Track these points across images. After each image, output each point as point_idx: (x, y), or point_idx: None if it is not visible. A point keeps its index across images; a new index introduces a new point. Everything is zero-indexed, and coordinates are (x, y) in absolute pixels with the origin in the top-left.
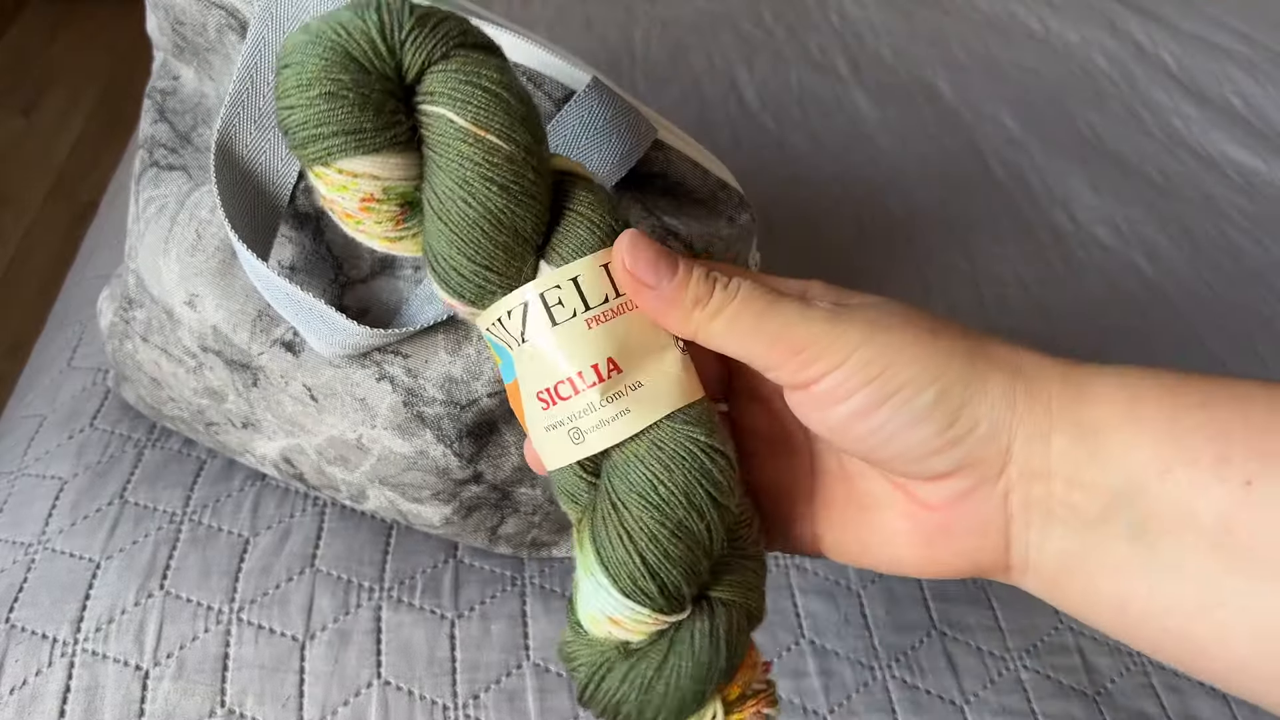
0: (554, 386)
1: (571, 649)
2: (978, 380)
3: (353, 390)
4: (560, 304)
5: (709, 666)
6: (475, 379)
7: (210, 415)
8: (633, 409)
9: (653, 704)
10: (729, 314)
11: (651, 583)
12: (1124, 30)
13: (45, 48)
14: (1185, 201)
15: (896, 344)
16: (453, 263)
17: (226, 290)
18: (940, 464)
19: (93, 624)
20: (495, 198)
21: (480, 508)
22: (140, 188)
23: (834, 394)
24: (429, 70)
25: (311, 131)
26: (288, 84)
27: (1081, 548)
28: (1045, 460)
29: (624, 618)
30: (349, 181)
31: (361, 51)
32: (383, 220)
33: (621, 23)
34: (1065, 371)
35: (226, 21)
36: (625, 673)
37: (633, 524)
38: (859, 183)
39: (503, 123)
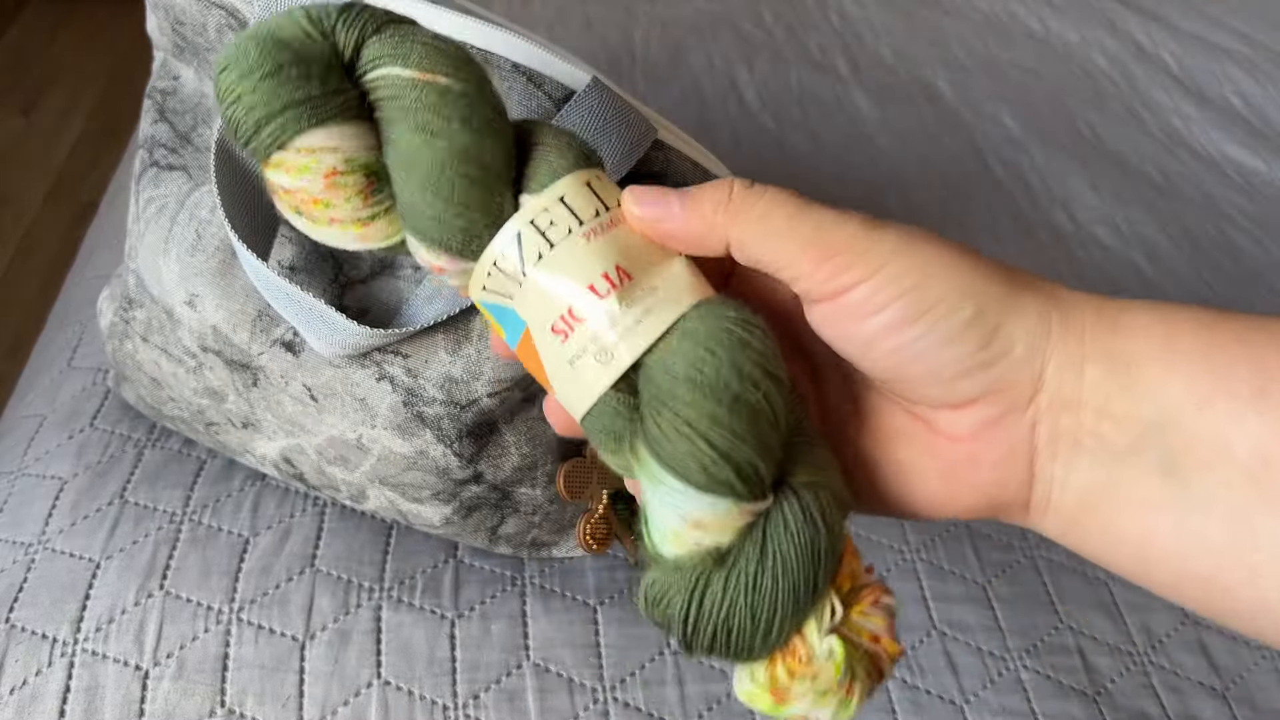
0: (568, 311)
1: (659, 588)
2: (1014, 303)
3: (353, 390)
4: (553, 224)
5: (813, 549)
6: (475, 379)
7: (210, 415)
8: (655, 308)
9: (765, 604)
10: (759, 211)
11: (726, 466)
12: (1124, 30)
13: (45, 48)
14: (1185, 201)
15: (933, 258)
16: (431, 209)
17: (226, 290)
18: (969, 388)
19: (93, 624)
20: (458, 133)
21: (480, 508)
22: (140, 188)
23: (865, 305)
24: (365, 44)
25: (261, 113)
26: (229, 80)
27: (1107, 480)
28: (1077, 389)
29: (707, 516)
30: (308, 160)
31: (296, 36)
32: (351, 196)
33: (621, 23)
34: (1100, 304)
35: (226, 21)
36: (725, 579)
37: (689, 412)
38: (859, 183)
39: (447, 65)
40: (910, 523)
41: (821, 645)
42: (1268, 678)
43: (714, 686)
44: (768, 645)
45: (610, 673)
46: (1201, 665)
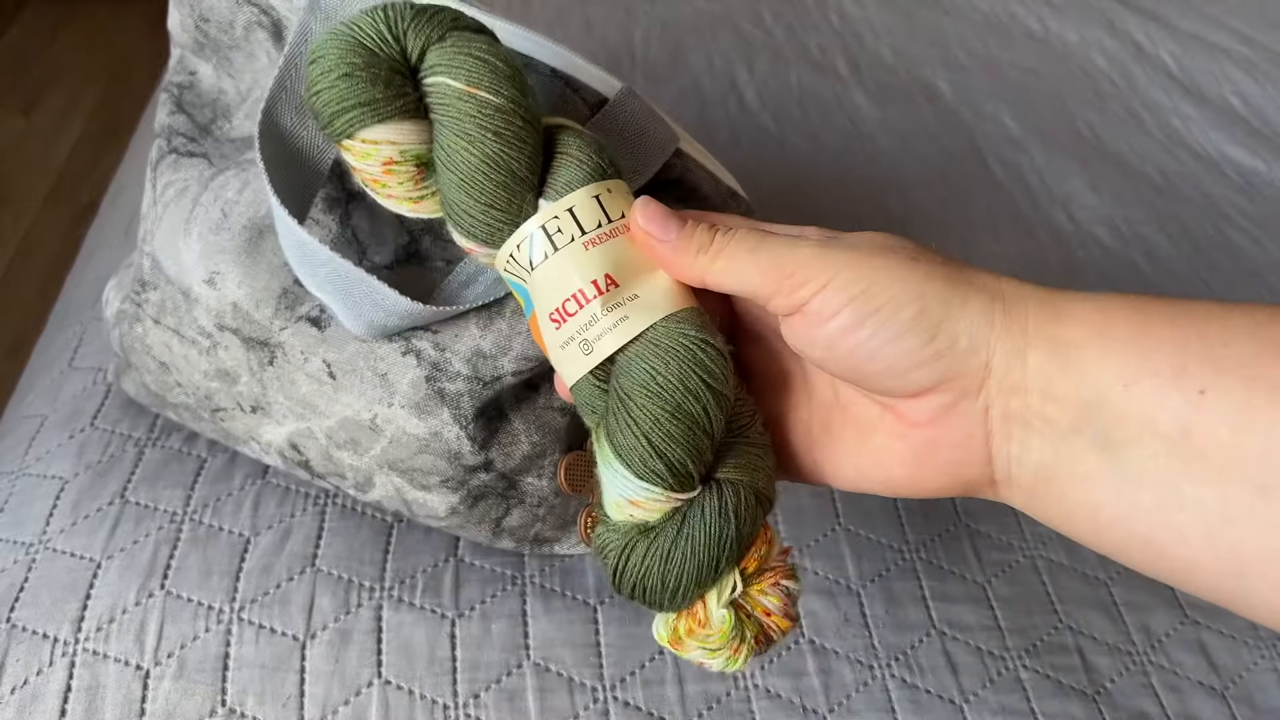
0: (562, 305)
1: (602, 539)
2: (957, 299)
3: (375, 365)
4: (559, 231)
5: (720, 535)
6: (504, 354)
7: (218, 399)
8: (631, 315)
9: (673, 573)
10: (727, 254)
11: (659, 462)
12: (1123, 30)
13: (45, 48)
14: (1185, 201)
15: (878, 266)
16: (463, 206)
17: (251, 268)
18: (922, 377)
19: (93, 623)
20: (490, 143)
21: (487, 497)
22: (158, 174)
23: (821, 313)
24: (429, 50)
25: (335, 108)
26: (314, 74)
27: (1055, 458)
28: (1022, 375)
29: (641, 498)
30: (371, 149)
31: (371, 40)
32: (404, 180)
33: (621, 23)
34: (1044, 295)
35: (257, 19)
36: (647, 548)
37: (638, 412)
38: (859, 183)
39: (491, 81)
40: (910, 522)
41: (716, 613)
42: (1267, 677)
43: (714, 686)
44: (675, 604)
45: (610, 672)
46: (1201, 665)
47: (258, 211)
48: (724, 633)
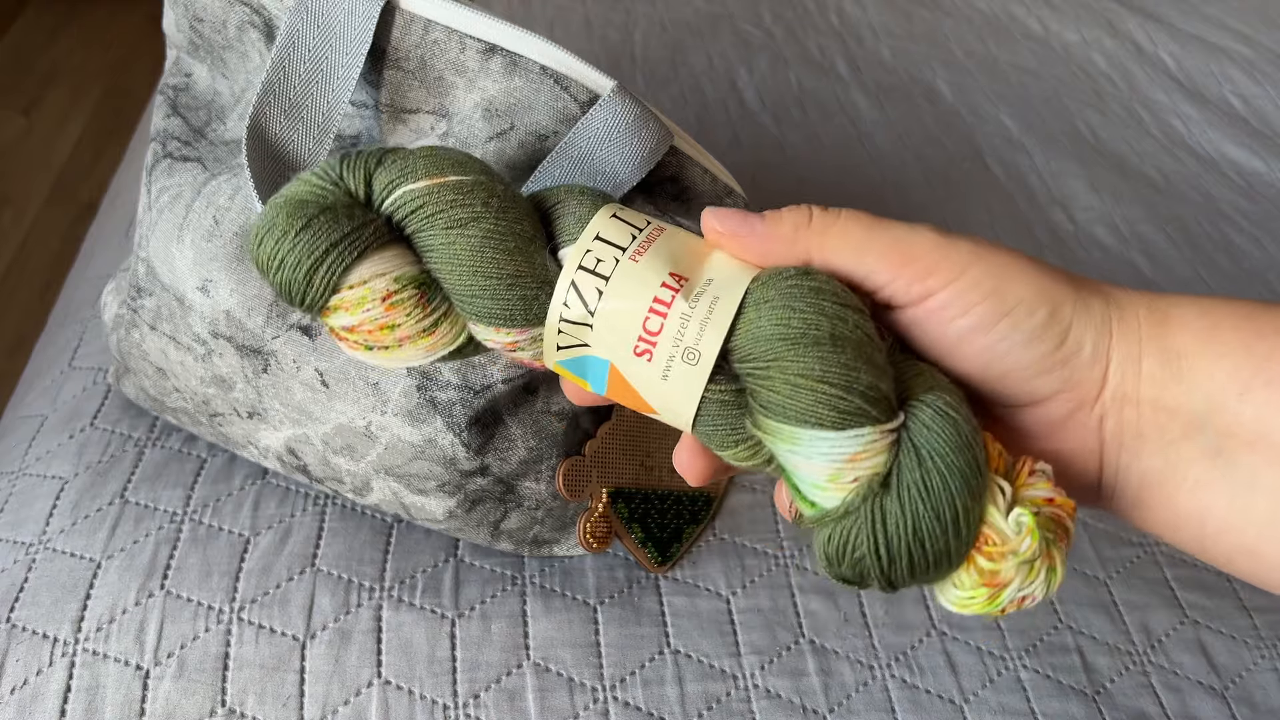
0: (644, 328)
1: (836, 540)
2: (1081, 303)
3: (366, 374)
4: (600, 261)
5: (961, 437)
6: (493, 362)
7: (215, 405)
8: (720, 295)
9: (944, 501)
10: (839, 228)
11: (853, 396)
12: (1123, 30)
13: (45, 48)
14: (1185, 201)
15: (1005, 264)
16: (486, 292)
17: (243, 276)
18: (1047, 384)
19: (93, 624)
20: (484, 215)
21: (484, 501)
22: (153, 178)
23: (950, 308)
24: (373, 178)
25: (307, 264)
26: (268, 249)
27: (1164, 466)
28: (1136, 384)
29: (855, 449)
30: (363, 292)
31: (313, 195)
32: (410, 310)
33: (621, 23)
34: (1150, 300)
35: (249, 19)
36: (898, 493)
37: (795, 366)
38: (859, 183)
39: (450, 164)
40: None
41: (1008, 522)
42: (1267, 678)
43: (714, 686)
44: (962, 542)
45: (610, 672)
46: (1201, 665)
47: (249, 218)
48: (1032, 531)
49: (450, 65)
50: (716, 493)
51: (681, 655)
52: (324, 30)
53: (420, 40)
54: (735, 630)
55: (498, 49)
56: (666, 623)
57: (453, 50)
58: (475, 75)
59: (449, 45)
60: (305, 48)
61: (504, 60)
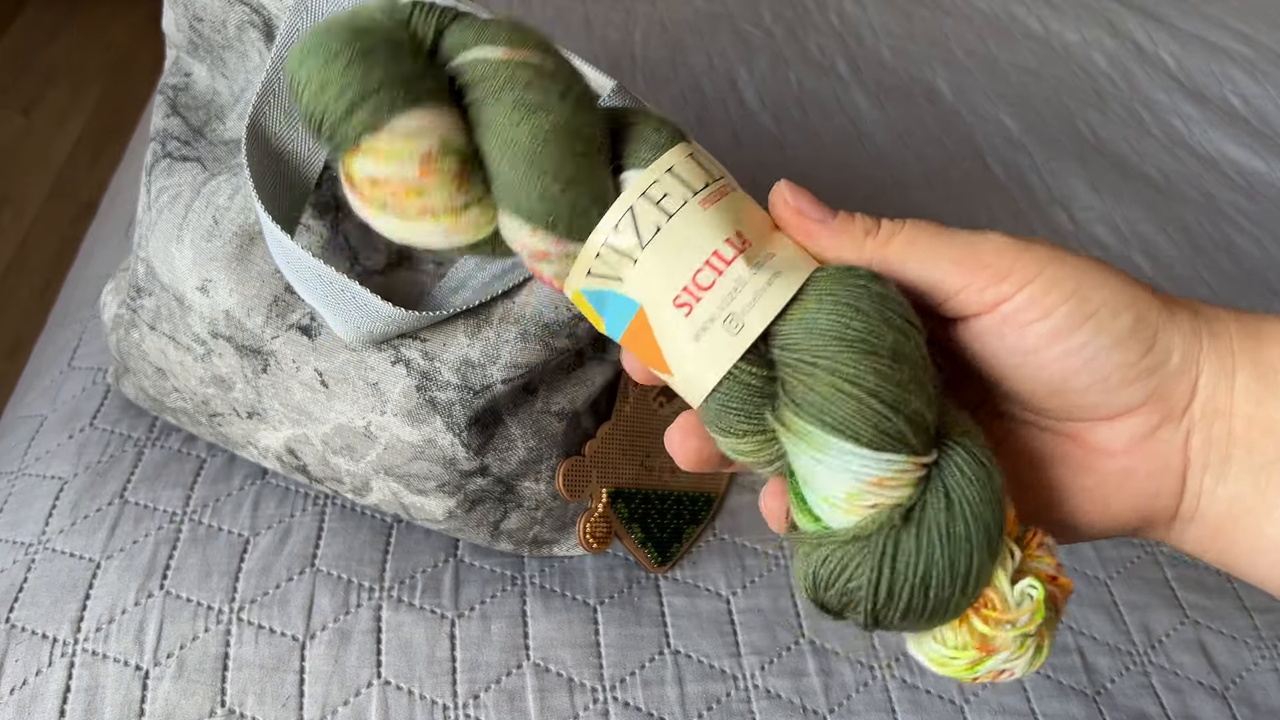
0: (693, 279)
1: (834, 563)
2: (1167, 311)
3: (366, 375)
4: (667, 195)
5: (993, 488)
6: (492, 362)
7: (215, 405)
8: (782, 270)
9: (961, 550)
10: (905, 236)
11: (898, 419)
12: (1124, 30)
13: (45, 47)
14: (1185, 201)
15: (1084, 266)
16: (537, 186)
17: (242, 276)
18: (1132, 395)
19: (93, 624)
20: (559, 107)
21: (484, 501)
22: (152, 178)
23: (1026, 313)
24: (444, 33)
25: (354, 94)
26: (312, 67)
27: (1254, 489)
28: (1228, 398)
29: (885, 474)
30: (404, 144)
31: (376, 25)
32: (446, 181)
33: (621, 23)
34: (1239, 315)
35: (249, 18)
36: (917, 534)
37: (847, 370)
38: (859, 183)
39: (535, 44)
40: None
41: (1014, 590)
42: (1267, 678)
43: (714, 686)
44: (966, 597)
45: (610, 673)
46: (1201, 665)
47: (248, 218)
48: (1039, 605)
49: None
50: (717, 493)
51: (681, 655)
52: None
53: None
54: (735, 630)
55: None
56: (666, 623)
57: None
58: None
59: None
60: None
61: None
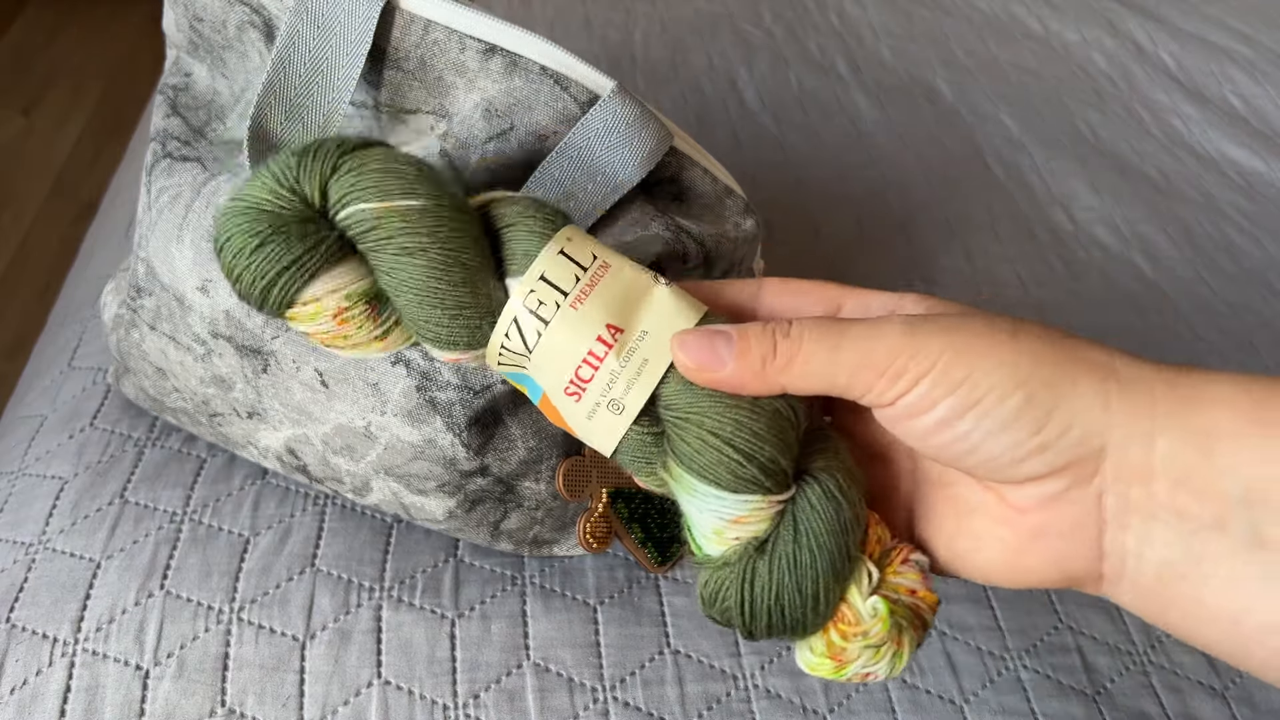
0: (575, 374)
1: (712, 586)
2: (1066, 383)
3: (366, 375)
4: (542, 304)
5: (839, 520)
6: None
7: (215, 405)
8: (650, 357)
9: (808, 575)
10: (801, 359)
11: (751, 465)
12: (1124, 30)
13: (45, 47)
14: (1185, 201)
15: (978, 349)
16: (432, 320)
17: None
18: (1030, 468)
19: (93, 624)
20: (431, 249)
21: (484, 501)
22: (152, 178)
23: (916, 406)
24: (328, 187)
25: (263, 284)
26: (226, 260)
27: (1187, 554)
28: (1147, 462)
29: (742, 512)
30: (315, 308)
31: (268, 201)
32: (362, 323)
33: (621, 23)
34: (1171, 376)
35: (249, 18)
36: (770, 561)
37: (710, 423)
38: (859, 183)
39: (401, 188)
40: None
41: (865, 606)
42: None
43: (714, 686)
44: (818, 615)
45: (610, 673)
46: (1201, 665)
47: None
48: (884, 620)
49: (450, 65)
50: None
51: (681, 655)
52: (324, 30)
53: (420, 40)
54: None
55: (498, 49)
56: (666, 623)
57: (453, 50)
58: (475, 75)
59: (449, 45)
60: (305, 48)
61: (504, 60)
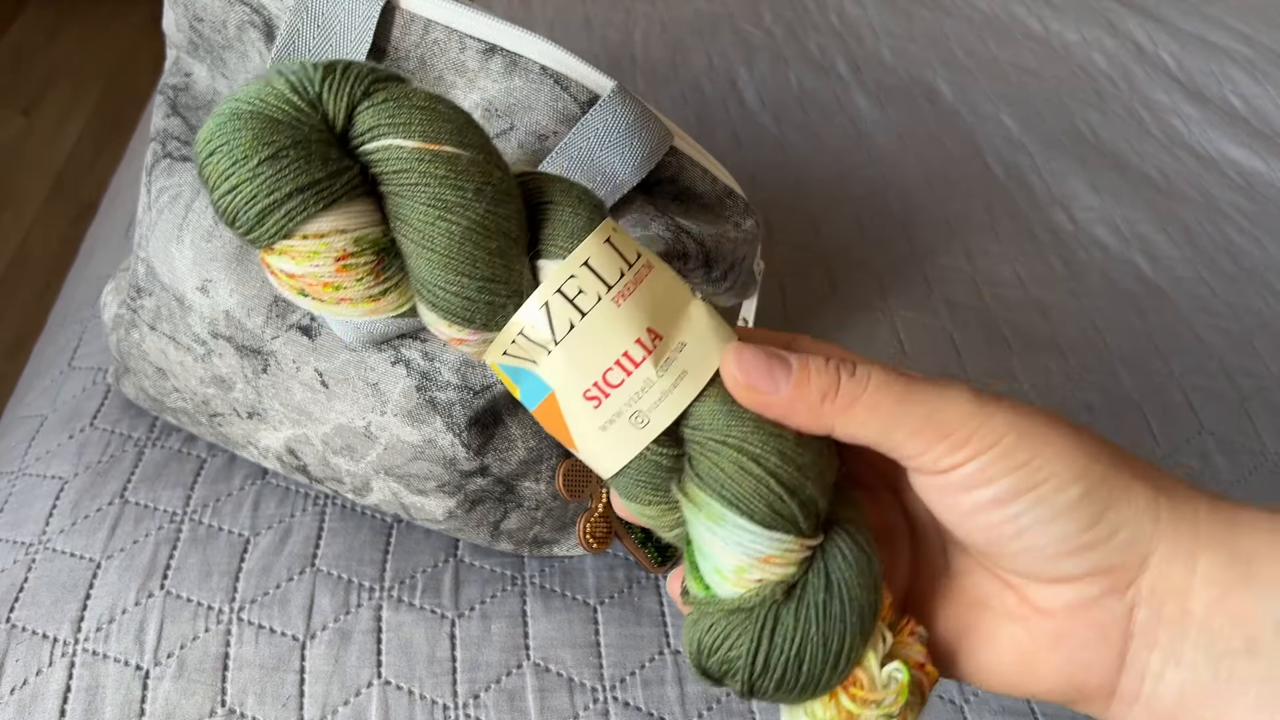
0: (603, 377)
1: (717, 632)
2: (1122, 486)
3: (366, 375)
4: (582, 292)
5: (870, 573)
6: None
7: (215, 405)
8: (689, 370)
9: (836, 631)
10: (867, 402)
11: (791, 502)
12: (1124, 30)
13: (45, 47)
14: (1185, 201)
15: (1043, 435)
16: (453, 287)
17: (242, 276)
18: (1071, 566)
19: (93, 624)
20: (474, 205)
21: (484, 501)
22: (152, 178)
23: (973, 479)
24: (356, 112)
25: (265, 202)
26: (221, 167)
27: (1213, 678)
28: (1187, 579)
29: (773, 552)
30: (318, 245)
31: (284, 112)
32: (363, 276)
33: (621, 23)
34: (1214, 499)
35: (249, 18)
36: (796, 610)
37: (755, 450)
38: (859, 183)
39: (451, 132)
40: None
41: (882, 672)
42: None
43: (714, 686)
44: (836, 674)
45: (610, 673)
46: None
47: None
48: (904, 690)
49: (450, 65)
50: None
51: (682, 655)
52: (324, 30)
53: (420, 40)
54: None
55: (498, 49)
56: (666, 623)
57: (453, 50)
58: (475, 75)
59: (449, 45)
60: (305, 48)
61: (504, 60)
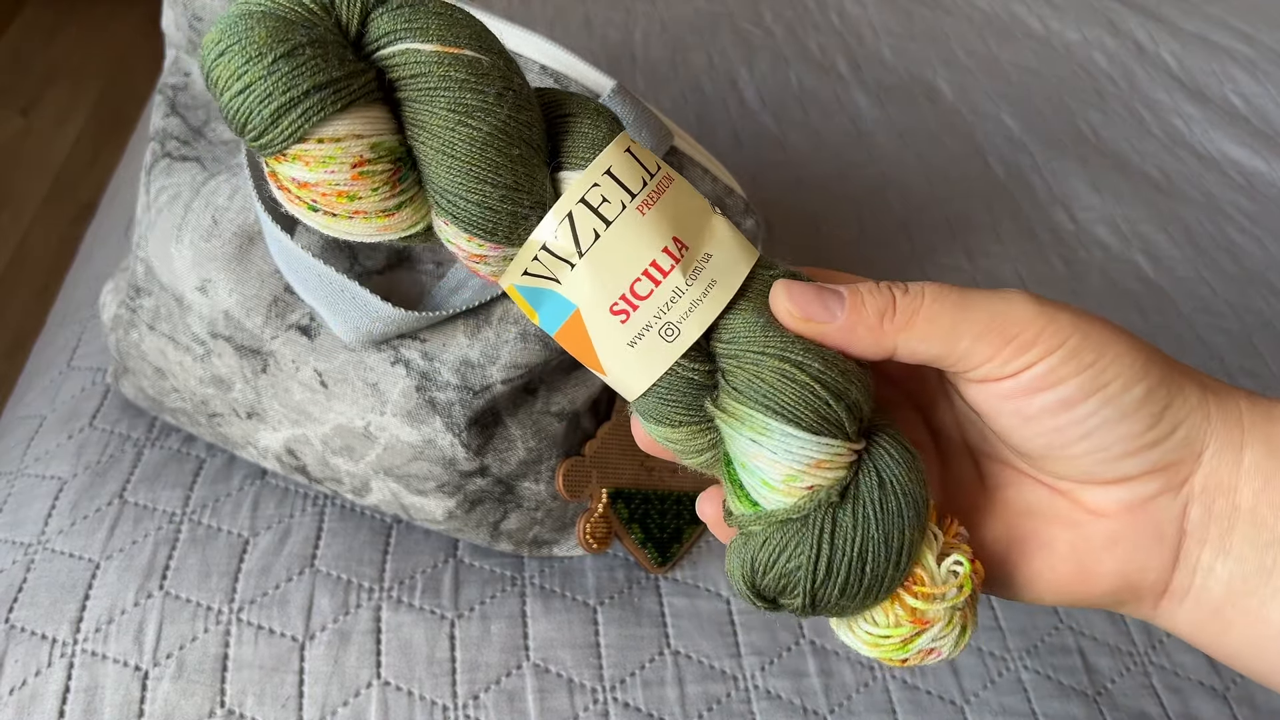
0: (630, 289)
1: (772, 546)
2: (1177, 386)
3: (365, 375)
4: (606, 201)
5: (915, 469)
6: (492, 363)
7: (214, 405)
8: (718, 278)
9: (895, 526)
10: (926, 314)
11: (839, 406)
12: (1124, 30)
13: (45, 47)
14: (1186, 201)
15: (1106, 336)
16: (475, 195)
17: (241, 275)
18: (1132, 465)
19: (92, 624)
20: (496, 109)
21: (484, 502)
22: (151, 178)
23: (1041, 380)
24: (370, 17)
25: (281, 100)
26: (234, 65)
27: (1259, 568)
28: (1234, 473)
29: (824, 455)
30: (333, 150)
31: (296, 14)
32: (379, 185)
33: (621, 23)
34: (1252, 395)
35: None
36: (854, 509)
37: (798, 358)
38: (859, 182)
39: (470, 36)
40: None
41: (940, 567)
42: None
43: (714, 687)
44: (899, 571)
45: (610, 673)
46: (1201, 665)
47: (248, 218)
48: (965, 578)
49: None
50: None
51: (681, 656)
52: None
53: None
54: (735, 631)
55: None
56: (666, 623)
57: None
58: None
59: None
60: None
61: None
